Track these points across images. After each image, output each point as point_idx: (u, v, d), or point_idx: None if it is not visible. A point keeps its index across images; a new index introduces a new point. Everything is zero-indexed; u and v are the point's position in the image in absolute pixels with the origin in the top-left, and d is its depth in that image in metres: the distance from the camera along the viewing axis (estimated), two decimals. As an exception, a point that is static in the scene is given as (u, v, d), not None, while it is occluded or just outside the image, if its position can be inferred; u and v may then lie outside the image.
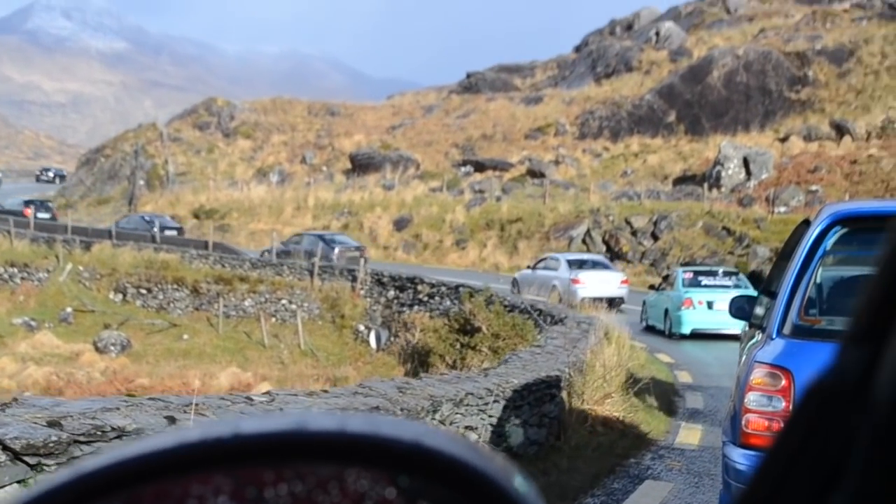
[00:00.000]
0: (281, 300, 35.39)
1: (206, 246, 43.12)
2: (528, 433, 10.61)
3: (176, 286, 37.36)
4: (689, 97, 64.41)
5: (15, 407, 5.67)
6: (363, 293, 34.47)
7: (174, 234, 48.92)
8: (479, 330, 19.31)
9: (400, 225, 52.96)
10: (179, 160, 77.55)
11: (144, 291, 37.78)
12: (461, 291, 25.99)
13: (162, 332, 34.22)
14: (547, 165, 60.87)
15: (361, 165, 68.44)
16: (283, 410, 6.82)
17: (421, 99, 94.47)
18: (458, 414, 9.20)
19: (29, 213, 56.25)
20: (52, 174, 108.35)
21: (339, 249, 40.36)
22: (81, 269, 39.51)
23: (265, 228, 53.17)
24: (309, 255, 38.28)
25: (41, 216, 56.13)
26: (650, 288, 29.01)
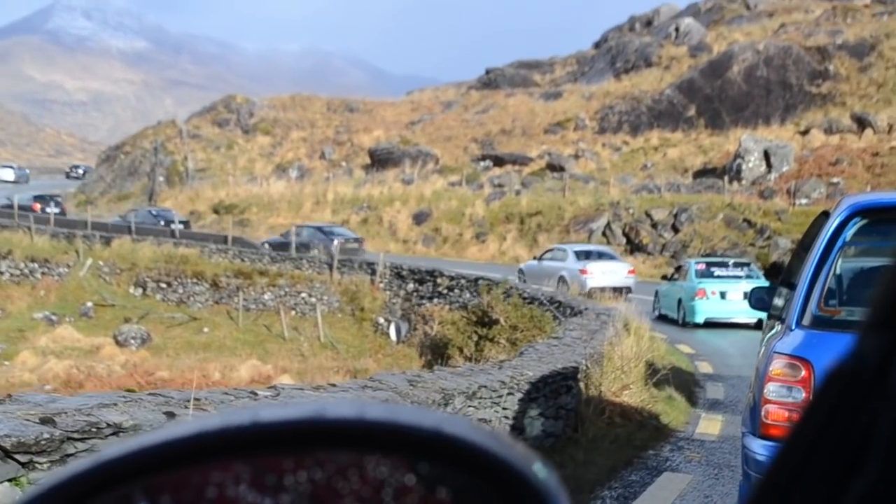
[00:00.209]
0: (300, 293, 35.39)
1: (225, 240, 43.15)
2: (544, 425, 10.50)
3: (195, 280, 37.40)
4: (709, 92, 64.15)
5: (8, 404, 5.55)
6: (382, 286, 34.45)
7: (181, 227, 49.24)
8: (496, 322, 19.23)
9: (419, 219, 52.91)
10: (199, 156, 77.72)
11: (164, 285, 37.83)
12: (480, 284, 25.99)
13: (182, 325, 34.24)
14: (566, 159, 60.71)
15: (380, 160, 68.40)
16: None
17: (440, 95, 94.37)
18: (470, 407, 9.07)
19: (37, 207, 56.86)
20: (81, 171, 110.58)
21: (337, 241, 41.07)
22: (101, 263, 39.60)
23: (284, 223, 53.11)
24: (307, 246, 40.24)
25: (50, 210, 56.36)
26: (663, 278, 29.52)
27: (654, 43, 77.85)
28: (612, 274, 29.86)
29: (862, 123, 53.26)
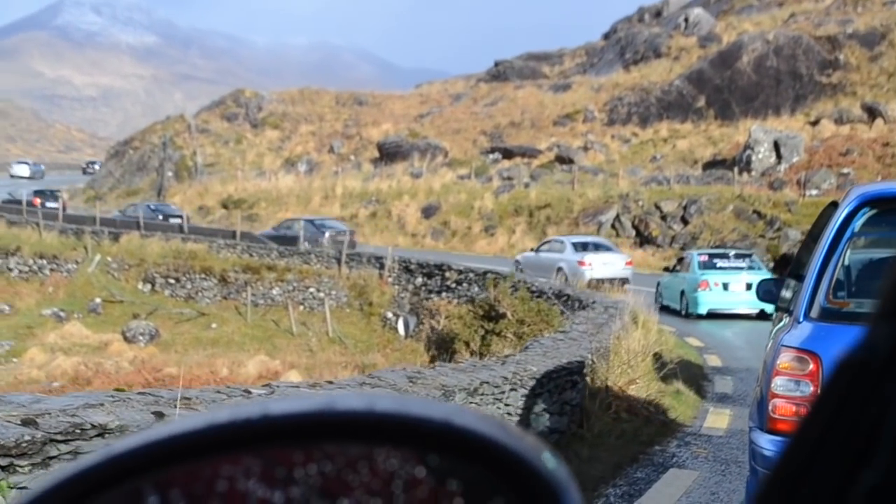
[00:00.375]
0: (309, 288, 35.35)
1: (233, 235, 43.13)
2: (548, 421, 10.36)
3: (204, 275, 37.39)
4: (718, 82, 63.87)
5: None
6: (391, 280, 34.38)
7: (178, 221, 49.39)
8: (503, 316, 19.11)
9: (428, 212, 52.82)
10: (208, 151, 77.73)
11: (173, 281, 37.83)
12: (488, 278, 25.93)
13: (190, 321, 34.24)
14: (575, 152, 60.58)
15: (389, 154, 68.30)
16: None
17: (449, 87, 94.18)
18: (472, 403, 8.91)
19: (38, 202, 57.65)
20: (97, 167, 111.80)
21: (328, 234, 41.77)
22: (110, 259, 39.62)
23: (293, 218, 53.11)
24: (296, 239, 41.03)
25: (50, 205, 57.11)
26: (665, 270, 29.67)
27: (663, 34, 77.54)
28: (610, 265, 30.00)
29: (872, 113, 53.01)
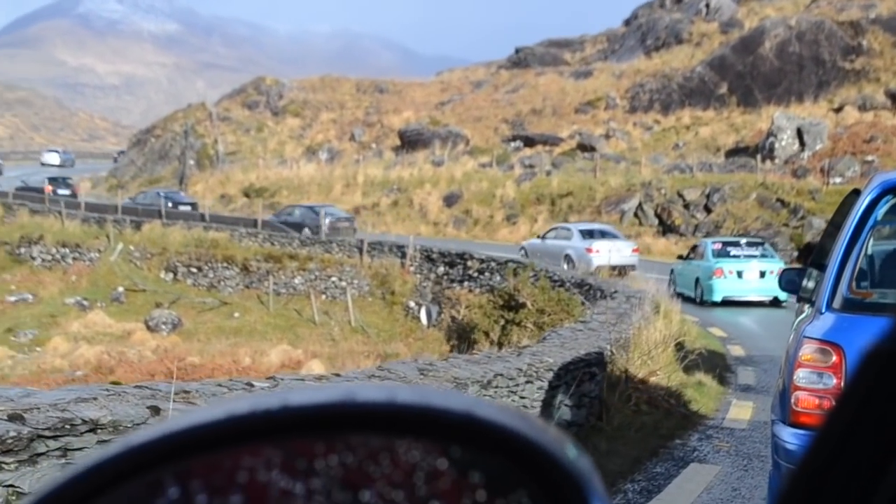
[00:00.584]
0: (331, 277, 35.35)
1: (255, 224, 43.18)
2: (565, 414, 10.25)
3: (226, 264, 37.42)
4: (740, 69, 63.50)
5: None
6: (413, 269, 34.36)
7: (188, 209, 49.84)
8: (523, 306, 19.04)
9: (450, 201, 52.72)
10: (229, 139, 77.79)
11: (195, 270, 37.88)
12: (509, 267, 25.93)
13: (213, 310, 34.28)
14: (597, 139, 60.38)
15: (410, 142, 68.20)
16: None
17: (470, 75, 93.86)
18: (485, 396, 8.77)
19: (49, 189, 58.27)
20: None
21: (329, 220, 42.09)
22: (132, 248, 39.71)
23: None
24: (299, 226, 41.86)
25: (61, 192, 57.91)
26: (678, 258, 29.84)
27: (684, 19, 77.14)
28: (616, 252, 30.39)
29: (896, 99, 52.65)
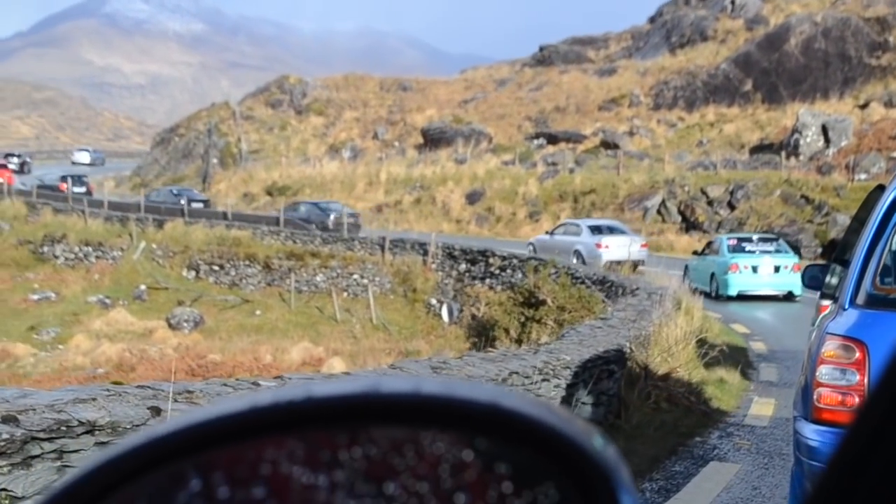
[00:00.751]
0: (352, 275, 35.28)
1: (277, 222, 43.18)
2: (583, 412, 10.08)
3: (248, 262, 37.42)
4: (765, 65, 63.10)
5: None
6: (434, 267, 34.25)
7: (200, 206, 50.22)
8: (543, 303, 18.88)
9: (472, 198, 52.61)
10: (252, 138, 77.97)
11: (217, 268, 37.89)
12: (530, 264, 25.85)
13: (234, 308, 34.28)
14: (621, 136, 60.15)
15: (433, 140, 68.14)
16: None
17: (494, 73, 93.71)
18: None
19: (64, 187, 58.90)
20: None
21: (333, 216, 42.67)
22: (155, 246, 39.78)
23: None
24: (305, 221, 42.58)
25: (77, 190, 58.06)
26: (693, 253, 30.28)
27: (709, 16, 76.80)
28: (625, 247, 30.64)
29: (923, 96, 52.20)
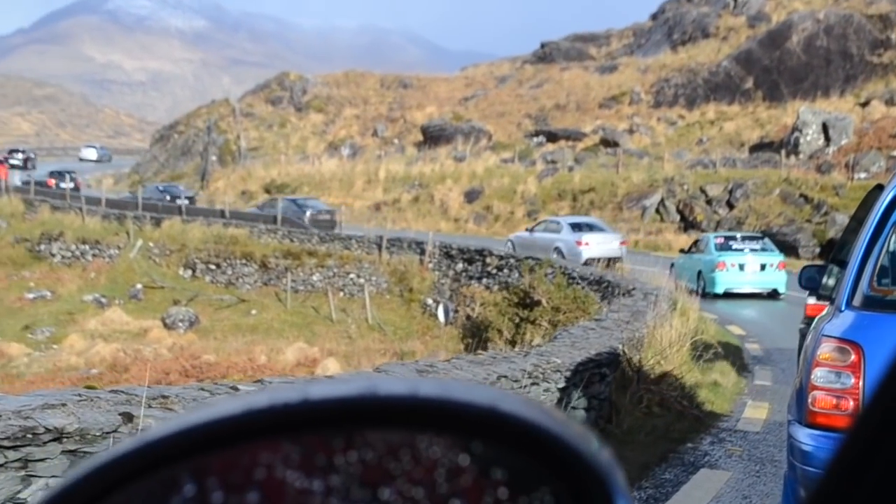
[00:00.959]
0: (349, 274, 35.11)
1: (274, 220, 43.01)
2: (573, 417, 9.87)
3: (244, 261, 37.25)
4: (767, 63, 62.94)
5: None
6: (431, 266, 34.06)
7: (187, 203, 50.30)
8: (538, 303, 18.70)
9: (471, 197, 52.43)
10: (251, 135, 77.87)
11: (213, 267, 37.73)
12: (526, 263, 25.73)
13: (230, 307, 34.12)
14: (620, 134, 60.00)
15: (433, 137, 67.97)
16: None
17: (494, 70, 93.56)
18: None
19: (52, 183, 59.99)
20: None
21: (310, 213, 42.93)
22: (152, 245, 39.59)
23: (336, 202, 52.94)
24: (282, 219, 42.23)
25: (63, 186, 58.39)
26: (680, 251, 30.53)
27: (711, 13, 76.64)
28: (605, 245, 31.00)
29: (924, 94, 52.04)
